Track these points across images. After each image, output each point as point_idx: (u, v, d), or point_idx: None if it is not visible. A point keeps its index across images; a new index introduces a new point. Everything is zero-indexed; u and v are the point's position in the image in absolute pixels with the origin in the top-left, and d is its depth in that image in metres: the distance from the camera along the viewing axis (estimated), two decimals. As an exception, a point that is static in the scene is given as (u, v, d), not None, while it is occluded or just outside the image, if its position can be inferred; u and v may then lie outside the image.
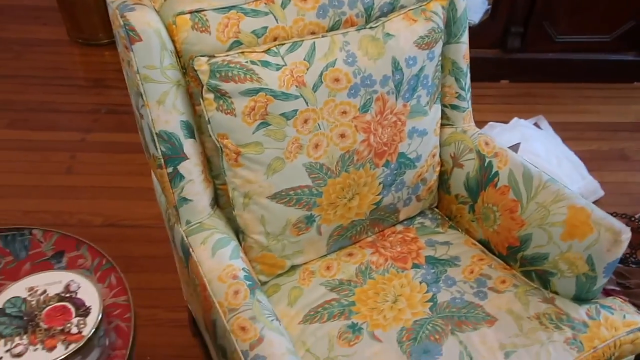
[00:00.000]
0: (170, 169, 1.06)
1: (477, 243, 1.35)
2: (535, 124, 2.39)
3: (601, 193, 2.10)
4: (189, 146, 1.08)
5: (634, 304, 1.40)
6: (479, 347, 1.09)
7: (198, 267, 1.04)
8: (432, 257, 1.29)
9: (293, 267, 1.25)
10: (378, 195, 1.26)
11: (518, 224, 1.24)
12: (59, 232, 0.96)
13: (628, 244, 1.79)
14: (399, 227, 1.37)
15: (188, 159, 1.07)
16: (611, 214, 1.18)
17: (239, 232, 1.18)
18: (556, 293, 1.21)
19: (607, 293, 1.41)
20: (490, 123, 2.31)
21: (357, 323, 1.14)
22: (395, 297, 1.19)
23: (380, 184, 1.24)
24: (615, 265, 1.14)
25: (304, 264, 1.26)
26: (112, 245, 1.85)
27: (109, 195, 2.04)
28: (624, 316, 1.16)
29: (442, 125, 1.39)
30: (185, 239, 1.09)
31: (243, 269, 1.05)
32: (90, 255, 0.94)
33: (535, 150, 2.09)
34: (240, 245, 1.17)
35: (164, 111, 1.03)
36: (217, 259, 1.04)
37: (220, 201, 1.19)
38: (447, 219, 1.43)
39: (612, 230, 1.11)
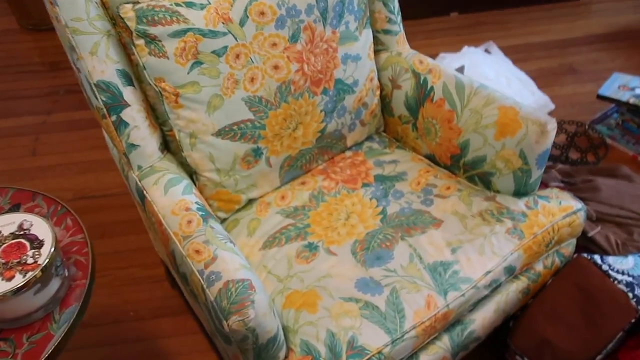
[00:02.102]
0: (113, 117, 1.11)
1: (423, 158, 1.42)
2: (486, 50, 2.45)
3: (552, 106, 2.17)
4: (129, 94, 1.12)
5: (581, 198, 1.49)
6: (427, 247, 1.17)
7: (152, 206, 1.10)
8: (381, 175, 1.35)
9: (250, 202, 1.32)
10: (321, 122, 1.31)
11: (456, 133, 1.31)
12: (14, 187, 1.01)
13: (577, 148, 1.88)
14: (348, 153, 1.44)
15: (129, 105, 1.12)
16: (560, 122, 1.25)
17: (192, 174, 1.24)
18: (498, 192, 1.29)
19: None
20: (441, 54, 2.36)
21: (313, 242, 1.21)
22: (348, 215, 1.26)
23: (321, 111, 1.30)
24: (546, 156, 1.22)
25: (260, 197, 1.33)
26: (86, 217, 1.91)
27: (77, 170, 2.08)
28: (560, 202, 1.24)
29: (378, 51, 1.44)
30: (139, 182, 1.15)
31: (196, 202, 1.11)
32: (45, 204, 1.00)
33: (485, 73, 2.15)
34: (195, 185, 1.23)
35: (98, 61, 1.07)
36: (170, 196, 1.10)
37: (171, 147, 1.24)
38: (394, 140, 1.49)
39: (538, 123, 1.18)
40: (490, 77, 2.14)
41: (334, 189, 1.33)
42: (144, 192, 1.13)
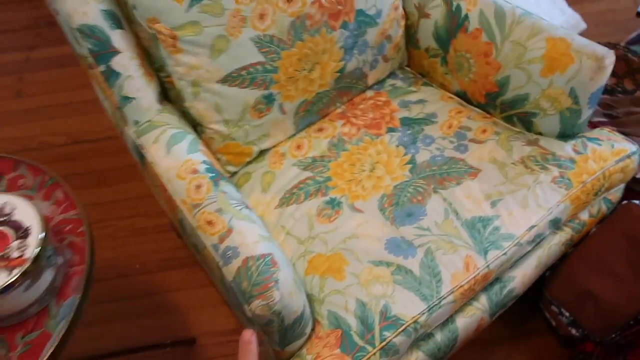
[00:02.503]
0: (102, 67, 0.95)
1: (453, 96, 1.27)
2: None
3: (583, 26, 1.97)
4: (118, 38, 0.96)
5: (623, 133, 1.35)
6: (464, 201, 1.05)
7: (155, 168, 0.96)
8: (407, 118, 1.21)
9: (262, 153, 1.18)
10: (340, 61, 1.15)
11: (494, 68, 1.15)
12: (-7, 154, 0.87)
13: (613, 74, 1.71)
14: (370, 93, 1.28)
15: (120, 52, 0.96)
16: None
17: (196, 125, 1.09)
18: (540, 134, 1.15)
19: (594, 126, 1.35)
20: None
21: (336, 198, 1.08)
22: (373, 166, 1.13)
23: (340, 48, 1.13)
24: (599, 94, 1.07)
25: (273, 147, 1.19)
26: (81, 163, 1.78)
27: (67, 112, 1.92)
28: (612, 145, 1.11)
29: (401, -28, 1.25)
30: (137, 140, 1.01)
31: (203, 161, 0.98)
32: (30, 174, 0.86)
33: (510, -11, 1.93)
34: (200, 138, 1.09)
35: (80, 2, 0.90)
36: (173, 155, 0.96)
37: (171, 95, 1.09)
38: (419, 76, 1.33)
39: (594, 57, 1.02)
40: (515, -6, 1.92)
41: (355, 135, 1.19)
42: (143, 151, 0.99)
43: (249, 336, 0.59)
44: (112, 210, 1.67)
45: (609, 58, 1.01)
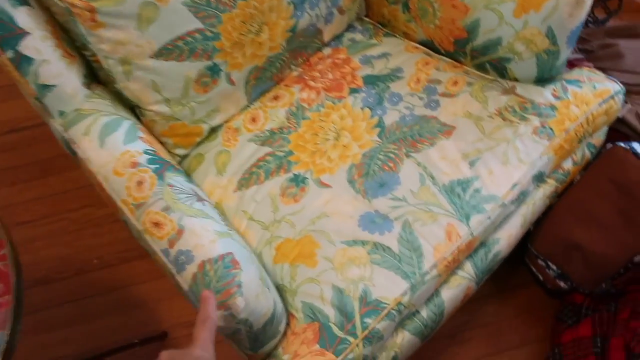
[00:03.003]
0: (9, 54, 0.81)
1: (419, 46, 1.15)
2: None
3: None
4: (24, 16, 0.81)
5: (600, 69, 1.26)
6: (440, 164, 0.95)
7: (87, 165, 0.84)
8: (371, 76, 1.09)
9: (213, 130, 1.06)
10: (290, 19, 1.02)
11: (462, 12, 1.03)
12: None
13: None
14: (327, 51, 1.16)
15: (29, 34, 0.81)
16: None
17: (134, 108, 0.96)
18: (516, 80, 1.05)
19: (570, 65, 1.26)
20: None
21: (300, 174, 0.98)
22: (337, 133, 1.02)
23: (289, 3, 1.00)
24: (579, 32, 0.97)
25: (225, 122, 1.07)
26: (21, 153, 1.63)
27: None
28: (594, 87, 1.02)
29: None
30: (64, 133, 0.87)
31: (145, 151, 0.85)
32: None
33: None
34: (141, 122, 0.96)
35: (-34, -25, 0.75)
36: (108, 148, 0.84)
37: (101, 76, 0.95)
38: (380, 26, 1.21)
39: (570, -10, 0.91)
40: None
41: (315, 100, 1.07)
42: (74, 146, 0.86)
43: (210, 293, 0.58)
44: (62, 202, 1.53)
45: (588, -10, 0.91)
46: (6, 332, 0.62)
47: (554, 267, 1.17)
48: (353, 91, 1.07)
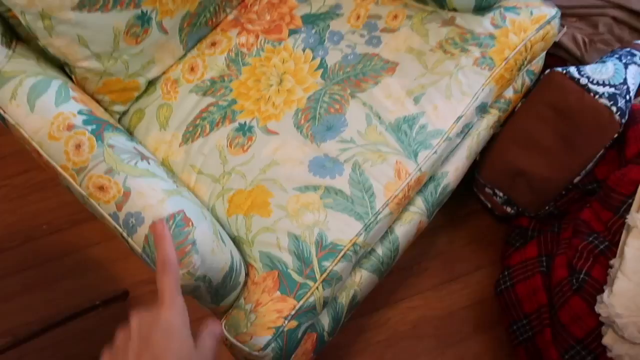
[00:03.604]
0: None
1: (356, -20, 1.12)
2: None
3: None
4: None
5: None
6: (385, 102, 0.95)
7: (19, 131, 0.79)
8: (309, 15, 1.06)
9: (151, 83, 1.02)
10: (219, -42, 0.97)
11: (396, -58, 1.00)
12: None
13: None
14: (262, -9, 1.11)
15: None
16: None
17: (62, 66, 0.91)
18: (455, 10, 1.04)
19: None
20: None
21: (245, 122, 0.96)
22: (280, 78, 1.00)
23: (216, -58, 0.95)
24: (514, -44, 0.96)
25: (163, 74, 1.02)
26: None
27: None
28: (531, 12, 1.02)
29: None
30: (-11, 100, 0.82)
31: (79, 111, 0.81)
32: None
33: None
34: (72, 81, 0.91)
35: None
36: (40, 111, 0.79)
37: (21, 32, 0.89)
38: (315, -39, 1.16)
39: None
40: None
41: (254, 45, 1.03)
42: (1, 112, 0.81)
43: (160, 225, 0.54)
44: (1, 167, 1.46)
45: None
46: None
47: (501, 194, 1.21)
48: (292, 32, 1.04)
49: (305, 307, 0.82)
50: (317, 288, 0.83)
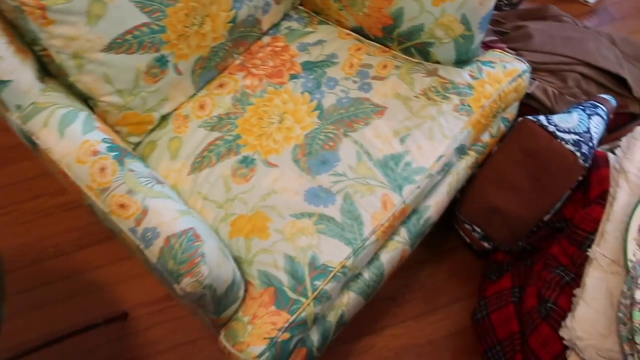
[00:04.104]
0: (-35, 52, 0.85)
1: (351, 33, 1.26)
2: None
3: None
4: (-24, 15, 0.85)
5: (513, 49, 1.41)
6: (374, 141, 1.07)
7: (49, 155, 0.89)
8: (308, 62, 1.19)
9: (164, 118, 1.13)
10: (230, 10, 1.09)
11: (387, 1, 1.13)
12: None
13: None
14: (266, 39, 1.24)
15: (-19, 32, 0.86)
16: None
17: (87, 99, 1.02)
18: (438, 62, 1.17)
19: (487, 46, 1.40)
20: None
21: (248, 155, 1.07)
22: (281, 117, 1.11)
23: (228, -3, 1.08)
24: (489, 17, 1.10)
25: (175, 110, 1.14)
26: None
27: None
28: (505, 66, 1.15)
29: None
30: (23, 126, 0.92)
31: (103, 140, 0.92)
32: None
33: None
34: (94, 113, 1.01)
35: None
36: (68, 138, 0.90)
37: (52, 69, 1.00)
38: (314, 14, 1.30)
39: (480, -18, 1.03)
40: None
41: (258, 87, 1.15)
42: (34, 138, 0.91)
43: None
44: (12, 193, 1.55)
45: (495, -17, 1.03)
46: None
47: (478, 230, 1.31)
48: (293, 77, 1.16)
49: (297, 321, 0.91)
50: (308, 304, 0.92)
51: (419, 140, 1.07)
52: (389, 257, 1.09)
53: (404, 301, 1.41)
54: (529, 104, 1.34)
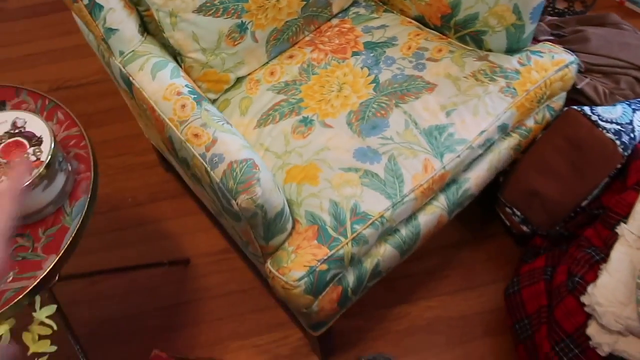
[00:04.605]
0: (85, 1, 1.03)
1: (412, 21, 1.38)
2: None
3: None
4: (98, -27, 1.04)
5: (569, 50, 1.47)
6: (422, 113, 1.17)
7: (142, 93, 1.06)
8: (370, 42, 1.32)
9: (239, 80, 1.28)
10: (305, -10, 1.25)
11: (446, -9, 1.25)
12: (-6, 83, 0.97)
13: (565, -2, 1.82)
14: (335, 21, 1.38)
15: (101, -14, 1.04)
16: None
17: (176, 56, 1.19)
18: (490, 51, 1.27)
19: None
20: None
21: (308, 116, 1.20)
22: (340, 86, 1.24)
23: (304, -23, 1.23)
24: (540, 9, 1.18)
25: (249, 74, 1.29)
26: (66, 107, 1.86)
27: (46, 60, 1.98)
28: (553, 57, 1.23)
29: None
30: (123, 69, 1.10)
31: (186, 85, 1.08)
32: (31, 99, 0.96)
33: None
34: (181, 67, 1.18)
35: (60, -62, 0.98)
36: (158, 80, 1.06)
37: (150, 28, 1.18)
38: (381, 3, 1.43)
39: (532, -26, 1.13)
40: None
41: (323, 60, 1.29)
42: (130, 78, 1.09)
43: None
44: (101, 150, 1.74)
45: (546, -25, 1.12)
46: (87, 196, 0.84)
47: (518, 213, 1.38)
48: (355, 54, 1.29)
49: (335, 257, 1.02)
50: (347, 244, 1.03)
51: (463, 115, 1.16)
52: (426, 219, 1.18)
53: (442, 277, 1.49)
54: (578, 100, 1.40)
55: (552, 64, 1.22)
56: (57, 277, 0.85)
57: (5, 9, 2.17)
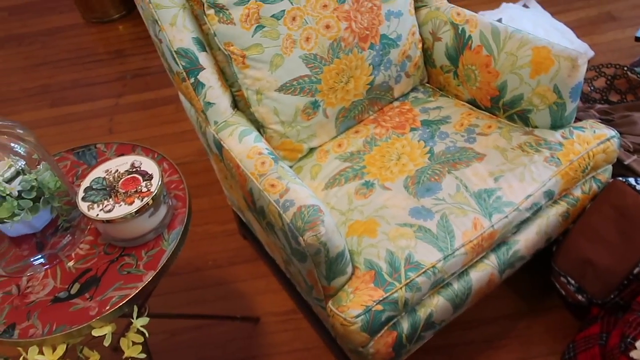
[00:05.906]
0: (192, 80, 1.29)
1: (465, 103, 1.55)
2: (524, 5, 2.52)
3: (591, 53, 2.23)
4: (204, 58, 1.30)
5: (618, 133, 1.58)
6: (472, 178, 1.31)
7: (230, 153, 1.28)
8: (427, 120, 1.49)
9: (311, 150, 1.48)
10: (370, 75, 1.46)
11: (494, 76, 1.43)
12: (117, 142, 1.21)
13: (618, 91, 1.95)
14: (396, 104, 1.58)
15: (205, 69, 1.30)
16: (598, 66, 1.34)
17: (259, 128, 1.41)
18: (536, 127, 1.41)
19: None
20: (480, 12, 2.45)
21: (369, 180, 1.36)
22: (399, 156, 1.41)
23: (369, 65, 1.45)
24: (579, 89, 1.33)
25: (320, 146, 1.49)
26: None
27: (149, 143, 2.30)
28: (594, 131, 1.35)
29: (418, 7, 1.57)
30: (216, 135, 1.33)
31: (266, 148, 1.28)
32: (144, 153, 1.19)
33: (522, 26, 2.23)
34: (263, 137, 1.40)
35: (177, 31, 1.25)
36: (244, 143, 1.28)
37: (240, 105, 1.42)
38: (437, 90, 1.62)
39: (569, 58, 1.29)
40: (528, 29, 2.21)
41: (385, 134, 1.48)
42: (222, 142, 1.31)
43: None
44: (194, 218, 1.99)
45: (581, 58, 1.28)
46: (182, 227, 1.03)
47: (573, 282, 1.43)
48: (413, 129, 1.47)
49: (390, 299, 1.13)
50: (401, 288, 1.15)
51: (510, 181, 1.29)
52: (477, 275, 1.27)
53: (500, 346, 1.52)
54: (626, 175, 1.48)
55: (594, 138, 1.34)
56: (147, 309, 1.03)
57: (119, 104, 2.56)
